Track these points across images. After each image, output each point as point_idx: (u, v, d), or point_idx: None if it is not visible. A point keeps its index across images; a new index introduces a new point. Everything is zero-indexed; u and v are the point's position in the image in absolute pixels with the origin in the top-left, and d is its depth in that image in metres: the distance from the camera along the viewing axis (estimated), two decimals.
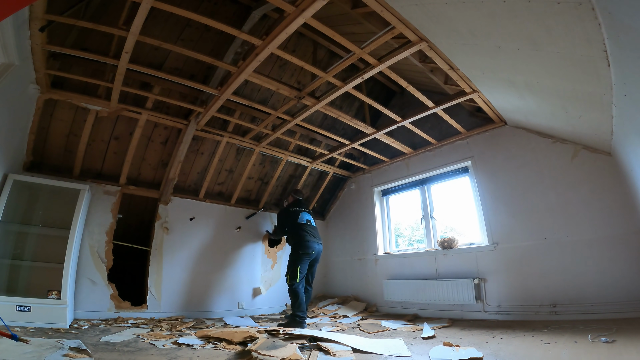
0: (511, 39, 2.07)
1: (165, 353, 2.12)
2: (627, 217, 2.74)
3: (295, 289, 3.67)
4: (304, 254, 3.79)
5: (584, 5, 1.46)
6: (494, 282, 3.43)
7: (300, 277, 3.71)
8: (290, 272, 3.75)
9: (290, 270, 3.75)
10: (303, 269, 3.78)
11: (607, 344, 1.93)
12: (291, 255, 3.90)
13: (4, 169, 2.88)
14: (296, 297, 3.63)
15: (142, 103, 3.58)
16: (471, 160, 3.96)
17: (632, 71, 1.60)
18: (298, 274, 3.70)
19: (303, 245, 3.80)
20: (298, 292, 3.65)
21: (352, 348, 2.25)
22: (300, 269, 3.74)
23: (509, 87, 2.85)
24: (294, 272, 3.71)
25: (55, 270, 2.93)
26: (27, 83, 2.85)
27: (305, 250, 3.79)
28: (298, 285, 3.69)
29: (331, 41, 3.92)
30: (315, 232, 4.04)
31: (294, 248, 3.92)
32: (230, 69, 2.99)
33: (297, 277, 3.69)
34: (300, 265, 3.75)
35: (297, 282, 3.68)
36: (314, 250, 3.86)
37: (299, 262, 3.75)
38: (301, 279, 3.74)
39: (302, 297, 3.65)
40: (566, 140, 3.23)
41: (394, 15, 2.30)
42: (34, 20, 2.28)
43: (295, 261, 3.78)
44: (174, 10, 2.36)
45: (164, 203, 4.16)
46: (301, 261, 3.76)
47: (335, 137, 4.48)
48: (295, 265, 3.74)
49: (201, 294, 4.17)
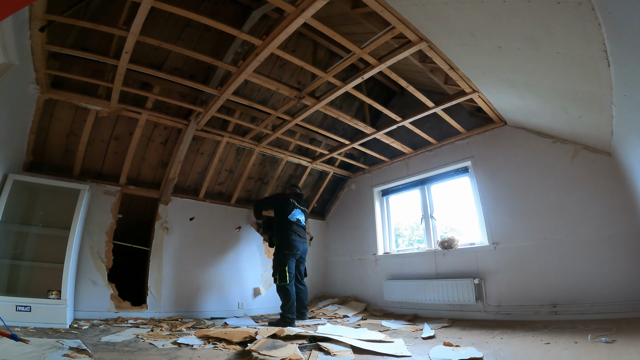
0: (511, 39, 2.07)
1: (165, 353, 2.12)
2: (627, 217, 2.74)
3: (287, 288, 3.62)
4: (289, 253, 3.77)
5: (584, 5, 1.46)
6: (494, 282, 3.43)
7: (290, 277, 3.67)
8: (278, 273, 3.70)
9: (279, 271, 3.71)
10: (291, 269, 3.76)
11: (607, 344, 1.93)
12: (276, 255, 3.86)
13: (4, 169, 2.88)
14: (287, 298, 3.58)
15: (142, 103, 3.58)
16: (471, 160, 3.96)
17: (632, 71, 1.60)
18: (287, 274, 3.66)
19: (289, 245, 3.79)
20: (289, 292, 3.61)
21: (352, 348, 2.25)
22: (289, 269, 3.71)
23: (509, 87, 2.85)
24: (283, 273, 3.66)
25: (55, 270, 2.93)
26: (27, 83, 2.84)
27: (291, 250, 3.78)
28: (289, 285, 3.65)
29: (331, 41, 3.92)
30: (303, 232, 4.03)
31: (278, 247, 3.89)
32: (230, 69, 2.99)
33: (287, 278, 3.64)
34: (288, 265, 3.72)
35: (288, 283, 3.64)
36: (299, 250, 3.85)
37: (285, 262, 3.72)
38: (291, 278, 3.70)
39: (293, 298, 3.62)
40: (566, 140, 3.23)
41: (394, 15, 2.30)
42: (34, 20, 2.28)
43: (281, 261, 3.74)
44: (174, 10, 2.36)
45: (164, 203, 4.16)
46: (287, 261, 3.74)
47: (335, 137, 4.48)
48: (282, 266, 3.70)
49: (201, 294, 4.17)
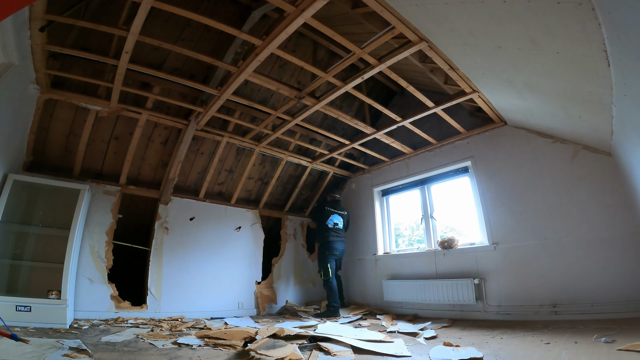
0: (511, 39, 2.07)
1: (165, 353, 2.12)
2: (627, 217, 2.74)
3: (330, 282, 4.29)
4: (329, 254, 4.48)
5: (584, 5, 1.46)
6: (494, 282, 3.43)
7: (331, 273, 4.37)
8: (322, 269, 4.44)
9: (322, 268, 4.44)
10: (332, 265, 4.44)
11: (607, 344, 1.93)
12: (319, 255, 4.62)
13: (4, 169, 2.88)
14: (331, 290, 4.25)
15: (142, 103, 3.58)
16: (471, 160, 3.96)
17: (632, 71, 1.60)
18: (329, 270, 4.36)
19: (329, 247, 4.51)
20: (332, 285, 4.27)
21: (352, 348, 2.25)
22: (330, 266, 4.40)
23: (509, 87, 2.85)
24: (326, 269, 4.38)
25: (55, 270, 2.93)
26: (27, 83, 2.84)
27: (331, 252, 4.50)
28: (332, 279, 4.32)
29: (331, 41, 3.92)
30: (341, 233, 4.70)
31: (320, 248, 4.61)
32: (230, 69, 2.99)
33: (329, 273, 4.35)
34: (329, 262, 4.41)
35: (331, 277, 4.32)
36: (337, 251, 4.57)
37: (327, 260, 4.43)
38: (332, 274, 4.38)
39: (335, 289, 4.27)
40: (566, 140, 3.23)
41: (394, 15, 2.30)
42: (34, 20, 2.28)
43: (324, 260, 4.46)
44: (174, 10, 2.36)
45: (164, 203, 4.16)
46: (328, 260, 4.43)
47: (335, 137, 4.48)
48: (325, 263, 4.42)
49: (201, 294, 4.17)
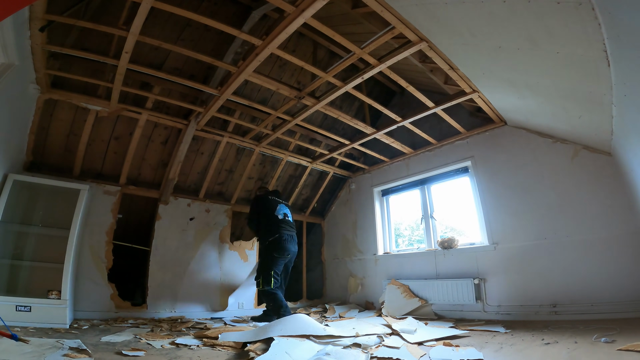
0: (511, 39, 2.07)
1: (165, 353, 2.12)
2: (627, 217, 2.74)
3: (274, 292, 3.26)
4: (279, 256, 3.41)
5: (584, 5, 1.46)
6: (494, 282, 3.43)
7: (275, 283, 3.31)
8: (262, 277, 3.35)
9: (263, 275, 3.34)
10: (278, 272, 3.41)
11: (607, 344, 1.93)
12: (263, 257, 3.51)
13: (4, 169, 2.88)
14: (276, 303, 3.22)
15: (142, 103, 3.58)
16: (471, 160, 3.96)
17: (632, 71, 1.60)
18: (272, 279, 3.29)
19: (279, 247, 3.41)
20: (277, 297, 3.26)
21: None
22: (276, 272, 3.35)
23: (509, 87, 2.85)
24: (268, 277, 3.31)
25: (55, 270, 2.93)
26: (27, 83, 2.84)
27: (282, 254, 3.42)
28: (276, 290, 3.30)
29: (331, 41, 3.92)
30: (293, 230, 3.66)
31: (267, 248, 3.48)
32: (230, 69, 2.99)
33: (272, 283, 3.28)
34: (276, 268, 3.37)
35: (272, 287, 3.30)
36: (289, 253, 3.48)
37: (273, 265, 3.37)
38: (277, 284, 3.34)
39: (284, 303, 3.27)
40: (566, 140, 3.23)
41: (394, 15, 2.30)
42: (34, 20, 2.28)
43: (269, 264, 3.38)
44: (174, 10, 2.36)
45: (164, 203, 4.16)
46: (276, 265, 3.39)
47: (335, 137, 4.48)
48: (269, 269, 3.34)
49: (201, 294, 4.17)
